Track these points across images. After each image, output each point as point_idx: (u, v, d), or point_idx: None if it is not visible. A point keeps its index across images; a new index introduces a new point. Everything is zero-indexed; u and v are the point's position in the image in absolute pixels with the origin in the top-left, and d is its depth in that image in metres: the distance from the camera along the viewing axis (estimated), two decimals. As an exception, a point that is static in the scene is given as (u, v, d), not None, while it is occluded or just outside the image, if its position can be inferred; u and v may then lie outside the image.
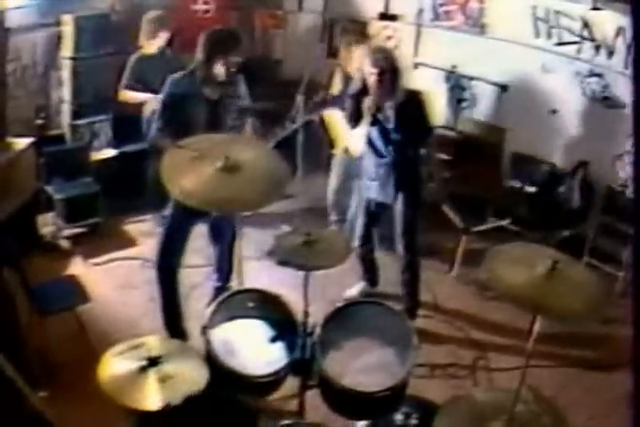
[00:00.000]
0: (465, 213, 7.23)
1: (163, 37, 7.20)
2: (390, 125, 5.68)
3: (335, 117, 6.97)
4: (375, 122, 5.73)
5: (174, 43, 7.34)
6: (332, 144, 7.26)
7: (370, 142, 5.90)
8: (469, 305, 6.63)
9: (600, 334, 5.88)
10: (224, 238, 5.81)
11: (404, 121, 5.65)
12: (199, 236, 5.98)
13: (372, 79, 5.59)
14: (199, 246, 6.13)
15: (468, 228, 7.12)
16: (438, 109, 7.86)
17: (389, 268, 6.63)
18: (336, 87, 7.01)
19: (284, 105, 7.22)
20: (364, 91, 5.71)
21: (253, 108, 5.80)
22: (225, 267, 5.93)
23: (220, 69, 5.19)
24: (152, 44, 7.21)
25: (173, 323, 5.83)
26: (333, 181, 7.40)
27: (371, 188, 6.15)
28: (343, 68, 6.94)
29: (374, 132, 5.81)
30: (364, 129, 5.89)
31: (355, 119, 5.87)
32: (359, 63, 5.86)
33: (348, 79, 6.70)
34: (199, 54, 5.22)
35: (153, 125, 5.36)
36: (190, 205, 4.28)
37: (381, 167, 5.96)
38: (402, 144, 5.75)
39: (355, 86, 5.86)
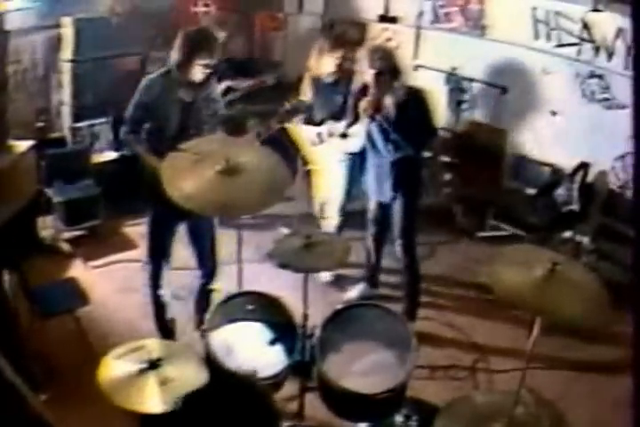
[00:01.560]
0: (465, 215, 7.24)
1: None
2: (390, 125, 5.67)
3: (299, 134, 6.97)
4: (374, 121, 5.72)
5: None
6: (304, 160, 7.25)
7: (371, 141, 5.89)
8: (469, 307, 6.63)
9: (600, 335, 5.87)
10: (204, 238, 5.77)
11: (404, 120, 5.61)
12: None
13: (370, 80, 5.58)
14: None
15: (472, 232, 7.13)
16: (439, 111, 7.90)
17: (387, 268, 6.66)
18: (305, 93, 6.88)
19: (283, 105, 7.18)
20: (363, 91, 5.72)
21: (226, 113, 5.77)
22: (208, 264, 5.88)
23: (196, 71, 5.10)
24: None
25: (163, 325, 5.90)
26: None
27: (370, 186, 6.16)
28: (312, 73, 6.80)
29: (375, 131, 5.79)
30: (361, 129, 5.92)
31: (353, 119, 5.97)
32: (359, 64, 5.79)
33: (317, 85, 6.71)
34: (175, 55, 5.11)
35: (122, 127, 5.31)
36: (189, 208, 4.29)
37: (380, 166, 5.94)
38: (402, 144, 5.71)
39: (355, 86, 5.86)
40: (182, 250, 5.90)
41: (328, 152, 6.77)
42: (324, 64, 6.50)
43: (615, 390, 5.12)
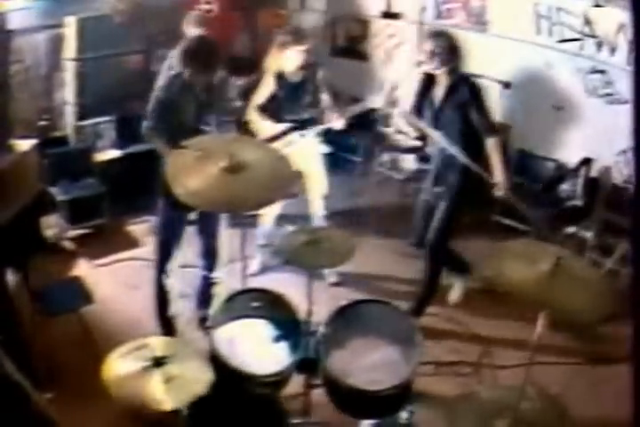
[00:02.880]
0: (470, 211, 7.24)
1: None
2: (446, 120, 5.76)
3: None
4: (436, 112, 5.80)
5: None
6: None
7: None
8: (474, 302, 6.63)
9: (603, 329, 5.87)
10: (211, 228, 5.86)
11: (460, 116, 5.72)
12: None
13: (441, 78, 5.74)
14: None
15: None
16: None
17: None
18: (264, 93, 6.53)
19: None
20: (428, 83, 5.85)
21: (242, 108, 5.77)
22: (211, 256, 5.98)
23: (200, 79, 5.22)
24: None
25: (165, 321, 5.96)
26: None
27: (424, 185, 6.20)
28: (275, 70, 6.51)
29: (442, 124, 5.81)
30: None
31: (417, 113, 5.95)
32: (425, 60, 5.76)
33: (282, 84, 6.48)
34: (179, 66, 5.23)
35: (145, 122, 5.34)
36: (194, 205, 4.30)
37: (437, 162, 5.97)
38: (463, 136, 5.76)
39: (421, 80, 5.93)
40: (188, 248, 5.92)
41: (301, 153, 6.51)
42: (288, 60, 6.35)
43: (619, 382, 5.12)
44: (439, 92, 5.76)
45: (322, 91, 6.47)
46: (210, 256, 5.95)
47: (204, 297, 6.06)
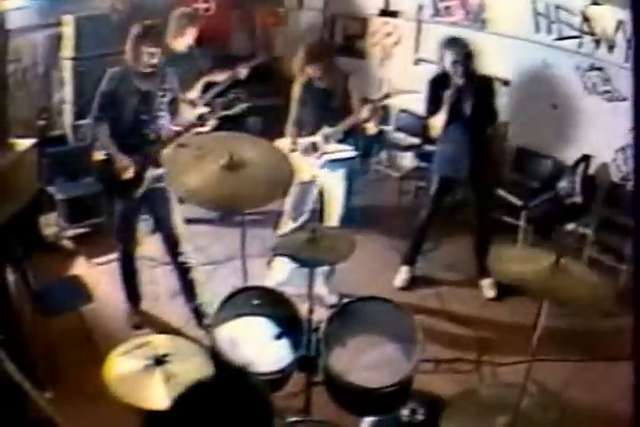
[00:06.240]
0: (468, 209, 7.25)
1: (191, 35, 6.95)
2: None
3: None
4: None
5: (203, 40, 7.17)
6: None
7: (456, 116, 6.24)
8: (474, 300, 6.63)
9: (603, 326, 5.87)
10: (163, 218, 6.01)
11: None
12: (201, 234, 6.02)
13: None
14: (203, 245, 6.15)
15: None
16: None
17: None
18: (295, 107, 6.56)
19: (284, 102, 7.15)
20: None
21: (178, 99, 5.90)
22: (171, 240, 6.01)
23: (145, 59, 5.56)
24: (180, 42, 7.02)
25: (132, 292, 6.21)
26: None
27: (440, 162, 6.59)
28: (303, 77, 6.40)
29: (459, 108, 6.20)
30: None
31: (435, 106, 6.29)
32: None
33: (308, 90, 6.41)
34: (127, 46, 5.67)
35: (90, 114, 5.57)
36: (194, 203, 4.31)
37: (458, 144, 6.36)
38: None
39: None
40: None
41: (322, 161, 6.45)
42: (309, 73, 6.25)
43: (618, 380, 5.12)
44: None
45: (353, 98, 6.33)
46: (170, 242, 6.00)
47: (186, 287, 6.05)
